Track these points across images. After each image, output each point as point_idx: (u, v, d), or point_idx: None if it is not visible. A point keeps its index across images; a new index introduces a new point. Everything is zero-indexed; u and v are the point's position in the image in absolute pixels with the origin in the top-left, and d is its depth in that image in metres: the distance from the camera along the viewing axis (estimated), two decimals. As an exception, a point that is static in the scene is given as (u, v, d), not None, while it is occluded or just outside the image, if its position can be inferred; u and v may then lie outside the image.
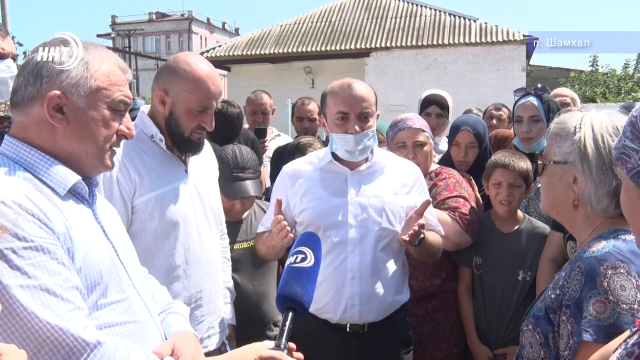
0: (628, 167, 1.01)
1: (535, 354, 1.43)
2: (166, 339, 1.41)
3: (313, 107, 4.38)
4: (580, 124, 1.45)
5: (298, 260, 1.37)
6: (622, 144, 1.02)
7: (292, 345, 1.26)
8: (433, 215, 2.37)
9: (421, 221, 2.08)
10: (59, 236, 1.16)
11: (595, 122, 1.43)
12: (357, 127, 2.13)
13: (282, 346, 1.23)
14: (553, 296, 1.39)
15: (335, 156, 2.24)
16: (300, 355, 1.27)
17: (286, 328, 1.26)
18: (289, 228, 2.03)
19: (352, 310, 2.17)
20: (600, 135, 1.41)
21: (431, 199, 2.39)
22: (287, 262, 1.39)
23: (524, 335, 1.49)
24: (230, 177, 2.54)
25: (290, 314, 1.28)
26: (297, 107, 4.44)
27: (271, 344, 1.25)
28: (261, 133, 4.27)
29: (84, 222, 1.27)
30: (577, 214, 1.48)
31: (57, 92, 1.23)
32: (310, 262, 1.36)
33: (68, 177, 1.26)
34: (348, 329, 2.20)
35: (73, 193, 1.29)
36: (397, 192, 2.25)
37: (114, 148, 1.36)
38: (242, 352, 1.28)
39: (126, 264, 1.36)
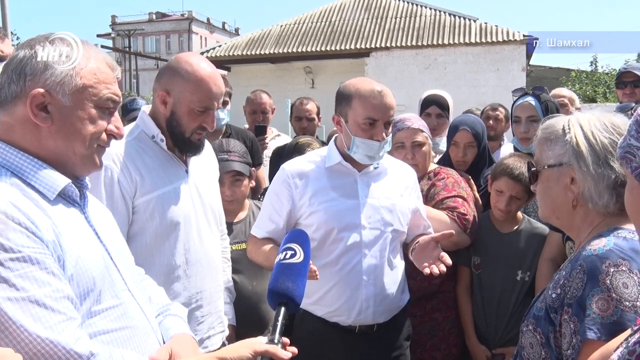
0: (633, 166, 1.01)
1: (536, 354, 1.42)
2: (164, 342, 1.39)
3: (312, 106, 4.38)
4: (568, 125, 1.47)
5: (288, 256, 1.38)
6: (626, 142, 1.01)
7: (286, 339, 1.27)
8: (424, 212, 2.40)
9: (446, 257, 2.05)
10: (47, 244, 1.12)
11: (583, 121, 1.46)
12: (383, 134, 2.13)
13: (275, 341, 1.23)
14: (554, 295, 1.39)
15: (343, 156, 2.22)
16: (294, 349, 1.27)
17: (279, 323, 1.27)
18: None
19: (367, 312, 2.17)
20: (591, 132, 1.43)
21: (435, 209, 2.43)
22: (277, 259, 1.40)
23: (523, 336, 1.49)
24: (217, 159, 2.57)
25: (283, 309, 1.30)
26: (296, 107, 4.45)
27: (265, 339, 1.25)
28: (261, 130, 4.26)
29: (74, 226, 1.23)
30: (576, 215, 1.48)
31: (41, 90, 1.19)
32: (299, 258, 1.37)
33: (57, 180, 1.22)
34: (357, 330, 2.20)
35: (63, 197, 1.24)
36: (402, 193, 2.27)
37: (105, 147, 1.32)
38: (237, 347, 1.27)
39: (121, 267, 1.33)
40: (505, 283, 2.58)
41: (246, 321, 2.50)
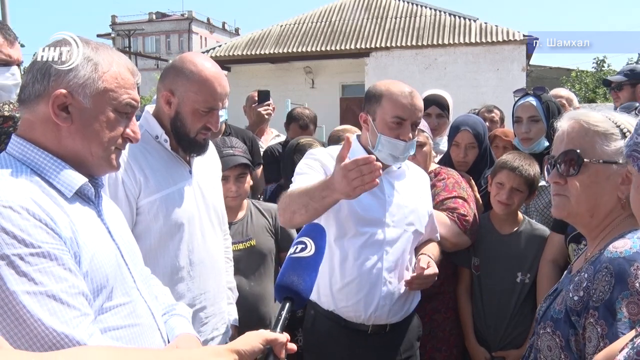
0: (639, 164, 1.02)
1: (555, 357, 1.40)
2: (169, 342, 1.41)
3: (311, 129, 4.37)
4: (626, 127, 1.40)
5: (298, 250, 1.35)
6: (633, 141, 1.02)
7: (287, 336, 1.24)
8: (433, 218, 2.39)
9: (429, 269, 2.17)
10: (65, 241, 1.16)
11: None
12: (410, 135, 2.14)
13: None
14: (576, 298, 1.36)
15: (368, 153, 2.19)
16: (294, 346, 1.25)
17: (282, 318, 1.24)
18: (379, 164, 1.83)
19: (382, 310, 2.17)
20: None
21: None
22: (288, 253, 1.38)
23: (540, 339, 1.47)
24: (221, 155, 2.57)
25: (288, 304, 1.27)
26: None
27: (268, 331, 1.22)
28: (265, 96, 4.25)
29: (90, 224, 1.27)
30: (609, 217, 1.43)
31: (63, 90, 1.23)
32: (310, 251, 1.35)
33: (75, 179, 1.26)
34: (369, 331, 2.19)
35: (79, 195, 1.28)
36: (421, 196, 2.31)
37: (121, 150, 1.35)
38: (248, 339, 1.21)
39: (131, 266, 1.36)
40: (505, 285, 2.57)
41: (246, 322, 2.50)
